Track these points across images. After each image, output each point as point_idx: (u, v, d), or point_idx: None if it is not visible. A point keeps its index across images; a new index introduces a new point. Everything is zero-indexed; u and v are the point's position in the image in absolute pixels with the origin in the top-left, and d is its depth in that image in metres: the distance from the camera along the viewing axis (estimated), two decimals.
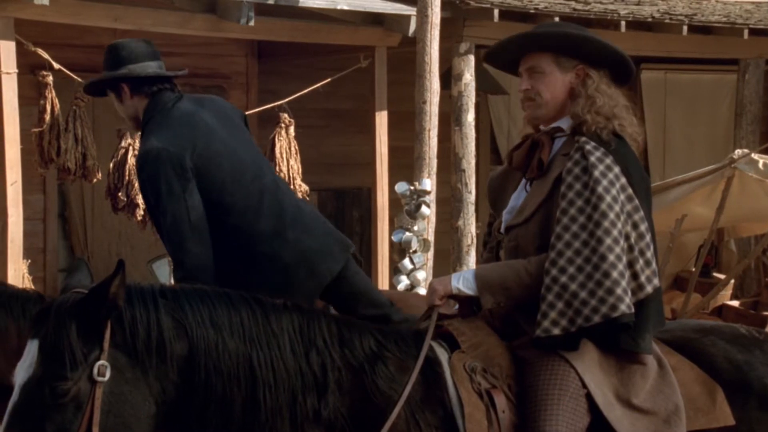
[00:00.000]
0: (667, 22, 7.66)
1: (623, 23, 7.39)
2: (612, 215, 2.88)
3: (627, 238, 2.91)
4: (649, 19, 7.64)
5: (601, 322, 2.84)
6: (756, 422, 3.09)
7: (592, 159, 2.93)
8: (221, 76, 8.13)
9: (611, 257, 2.85)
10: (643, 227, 2.95)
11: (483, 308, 3.00)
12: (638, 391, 2.97)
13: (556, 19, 6.84)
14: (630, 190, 2.95)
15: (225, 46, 7.98)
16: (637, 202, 2.95)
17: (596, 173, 2.90)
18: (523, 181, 3.12)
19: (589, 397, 2.91)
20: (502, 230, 3.13)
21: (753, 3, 9.52)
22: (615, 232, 2.87)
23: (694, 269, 7.66)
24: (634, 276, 2.91)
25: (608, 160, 2.93)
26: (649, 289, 2.93)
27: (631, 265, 2.91)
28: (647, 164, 10.38)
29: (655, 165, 10.41)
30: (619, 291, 2.84)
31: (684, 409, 3.00)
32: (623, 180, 2.94)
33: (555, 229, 2.90)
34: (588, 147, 2.94)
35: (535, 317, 2.93)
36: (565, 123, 3.08)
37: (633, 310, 2.87)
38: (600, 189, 2.89)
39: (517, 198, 3.12)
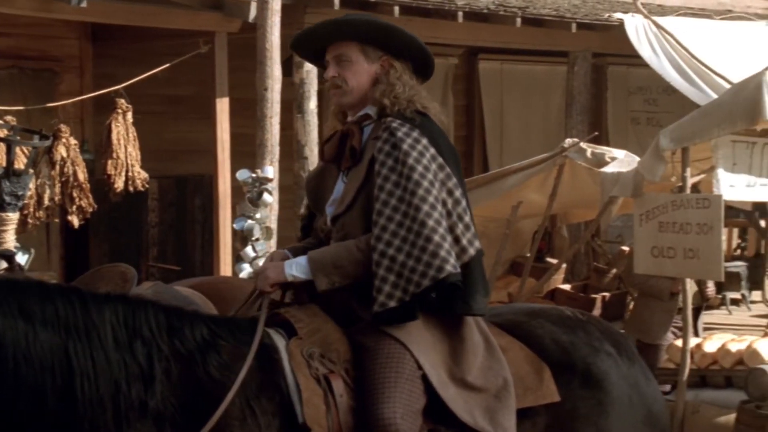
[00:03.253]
0: (502, 13, 7.88)
1: (460, 14, 7.55)
2: (426, 183, 2.97)
3: (444, 204, 3.01)
4: (485, 11, 7.83)
5: (431, 285, 2.92)
6: (579, 399, 3.24)
7: (400, 134, 3.02)
8: (52, 58, 7.82)
9: (431, 222, 2.94)
10: (458, 193, 3.06)
11: (318, 290, 3.01)
12: (470, 369, 3.07)
13: (396, 8, 6.93)
14: (440, 159, 3.05)
15: (56, 28, 7.66)
16: (448, 170, 3.06)
17: (405, 146, 3.00)
18: (340, 173, 3.17)
19: (424, 378, 2.98)
20: (328, 223, 3.17)
21: None
22: (431, 199, 2.96)
23: (529, 255, 7.89)
24: (456, 240, 3.01)
25: (415, 134, 3.03)
26: (471, 251, 3.04)
27: (451, 229, 3.00)
28: (485, 152, 10.69)
29: (493, 153, 10.71)
30: (443, 253, 2.93)
31: (513, 385, 3.13)
32: (432, 150, 3.04)
33: (375, 206, 2.97)
34: (394, 124, 3.04)
35: (370, 302, 2.99)
36: (371, 110, 3.16)
37: (459, 271, 2.96)
38: (411, 161, 2.98)
39: (337, 190, 3.17)
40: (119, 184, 6.79)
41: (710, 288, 6.74)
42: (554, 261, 8.52)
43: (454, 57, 10.13)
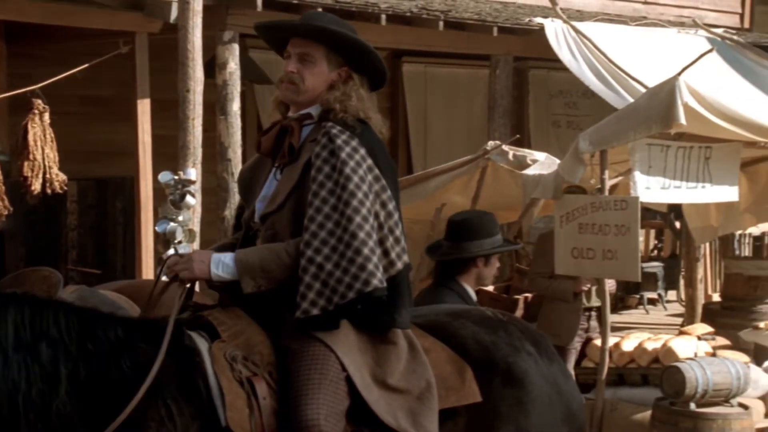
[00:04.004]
0: (425, 17, 7.92)
1: (383, 17, 7.57)
2: (360, 194, 2.97)
3: (377, 216, 3.01)
4: (408, 14, 7.87)
5: (356, 298, 2.92)
6: (500, 398, 3.29)
7: (339, 142, 3.02)
8: None
9: (362, 235, 2.94)
10: (391, 206, 3.07)
11: (244, 292, 2.99)
12: (393, 371, 3.08)
13: (320, 10, 6.91)
14: (377, 171, 3.06)
15: None
16: (384, 182, 3.07)
17: (343, 155, 3.00)
18: (273, 168, 3.16)
19: (349, 380, 2.99)
20: (256, 219, 3.15)
21: (501, 3, 10.04)
22: (364, 211, 2.96)
23: None
24: (385, 253, 3.02)
25: (354, 143, 3.03)
26: (399, 265, 3.05)
27: (381, 242, 3.01)
28: (409, 155, 10.74)
29: (418, 155, 10.77)
30: (370, 267, 2.93)
31: (435, 385, 3.16)
32: (369, 161, 3.05)
33: (307, 212, 2.96)
34: (334, 131, 3.04)
35: (295, 304, 2.98)
36: (314, 110, 3.17)
37: (385, 285, 2.97)
38: (347, 170, 2.98)
39: (269, 186, 3.15)
40: (36, 186, 6.64)
41: (611, 285, 6.87)
42: None
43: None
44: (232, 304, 3.09)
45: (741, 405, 5.58)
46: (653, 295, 11.06)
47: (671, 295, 11.20)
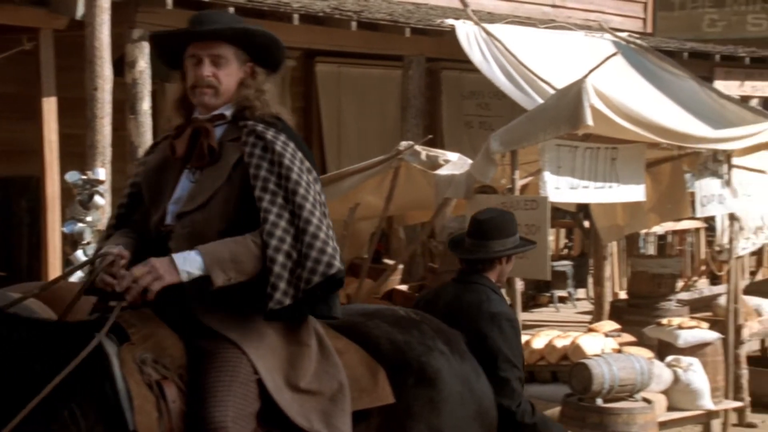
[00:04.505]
0: (337, 17, 7.91)
1: (296, 16, 7.53)
2: (304, 184, 3.03)
3: (320, 205, 3.08)
4: (320, 14, 7.85)
5: (321, 282, 2.95)
6: (413, 398, 3.31)
7: (269, 137, 3.05)
8: None
9: (315, 221, 3.00)
10: (323, 197, 3.13)
11: (214, 286, 2.93)
12: (305, 374, 3.08)
13: (232, 9, 6.84)
14: (308, 163, 3.11)
15: None
16: (315, 173, 3.13)
17: (278, 149, 3.03)
18: (186, 170, 3.13)
19: (260, 383, 2.97)
20: (169, 221, 3.11)
21: (414, 4, 10.11)
22: (311, 199, 3.03)
23: (366, 256, 7.98)
24: (332, 239, 3.07)
25: (282, 137, 3.08)
26: (338, 252, 3.10)
27: (328, 229, 3.07)
28: (323, 155, 10.72)
29: (332, 155, 10.75)
30: (330, 250, 3.00)
31: (348, 387, 3.16)
32: (300, 154, 3.10)
33: (261, 206, 2.97)
34: (259, 128, 3.06)
35: (208, 304, 2.96)
36: (227, 110, 3.15)
37: (344, 267, 3.03)
38: (286, 162, 3.02)
39: (182, 187, 3.12)
40: None
41: (519, 284, 6.98)
42: (391, 262, 8.64)
43: (292, 59, 10.11)
44: (141, 306, 3.04)
45: (645, 399, 5.73)
46: (563, 293, 11.25)
47: (581, 293, 11.41)
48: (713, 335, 6.80)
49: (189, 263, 2.93)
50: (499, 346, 3.80)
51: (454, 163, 6.95)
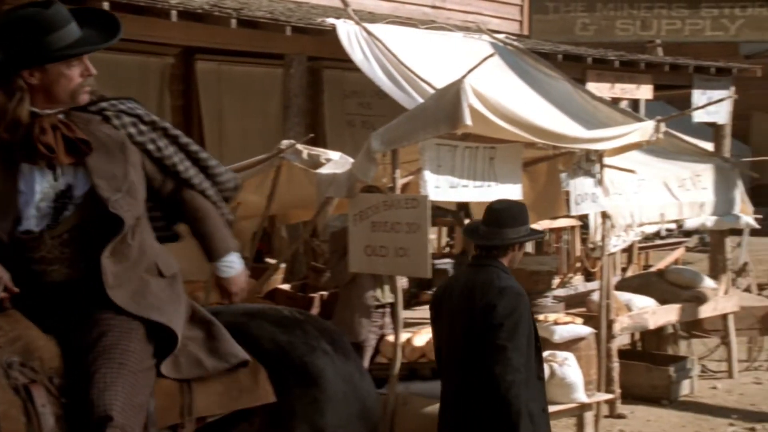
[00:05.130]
0: (217, 14, 7.80)
1: (174, 13, 7.39)
2: (184, 136, 3.32)
3: None
4: (199, 11, 7.73)
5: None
6: (295, 398, 3.30)
7: (139, 112, 3.16)
8: None
9: (212, 159, 3.41)
10: None
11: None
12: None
13: (106, 5, 6.66)
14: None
15: None
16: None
17: (155, 118, 3.19)
18: (37, 170, 2.99)
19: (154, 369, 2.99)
20: (34, 228, 2.98)
21: (295, 2, 10.07)
22: (194, 145, 3.36)
23: (248, 255, 7.90)
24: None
25: (140, 107, 3.20)
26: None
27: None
28: None
29: (213, 154, 10.49)
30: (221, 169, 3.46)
31: (230, 388, 3.16)
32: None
33: (183, 174, 3.24)
34: (123, 107, 3.14)
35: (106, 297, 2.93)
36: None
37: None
38: (172, 128, 3.24)
39: (42, 188, 3.00)
40: None
41: (403, 282, 7.06)
42: (273, 261, 8.58)
43: (170, 56, 9.93)
44: (10, 308, 2.94)
45: None
46: None
47: None
48: (587, 330, 7.00)
49: (237, 260, 3.41)
50: (504, 315, 4.04)
51: (335, 162, 6.96)
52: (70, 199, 2.99)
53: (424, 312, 10.78)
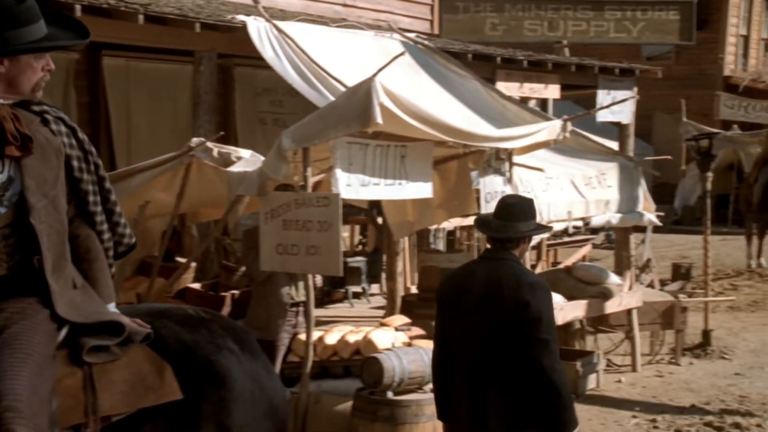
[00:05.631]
0: (123, 9, 7.65)
1: (78, 7, 7.23)
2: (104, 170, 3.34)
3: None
4: (105, 5, 7.57)
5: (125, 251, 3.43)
6: (203, 398, 3.26)
7: (74, 125, 3.18)
8: None
9: (118, 206, 3.39)
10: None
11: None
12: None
13: None
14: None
15: None
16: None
17: (85, 137, 3.22)
18: None
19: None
20: None
21: None
22: (108, 182, 3.35)
23: (157, 254, 7.79)
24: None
25: (75, 124, 3.20)
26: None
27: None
28: (112, 151, 10.37)
29: (121, 151, 10.41)
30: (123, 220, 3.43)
31: (134, 385, 3.12)
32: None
33: (90, 208, 3.21)
34: (62, 115, 3.17)
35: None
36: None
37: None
38: (96, 155, 3.21)
39: None
40: None
41: (318, 280, 7.07)
42: (184, 260, 8.48)
43: (75, 52, 9.71)
44: None
45: None
46: (358, 288, 11.42)
47: (375, 288, 11.62)
48: None
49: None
50: (540, 310, 4.21)
51: (246, 160, 6.91)
52: (5, 195, 2.94)
53: (337, 310, 10.83)
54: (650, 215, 9.28)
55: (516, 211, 4.48)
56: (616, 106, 10.63)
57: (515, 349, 4.21)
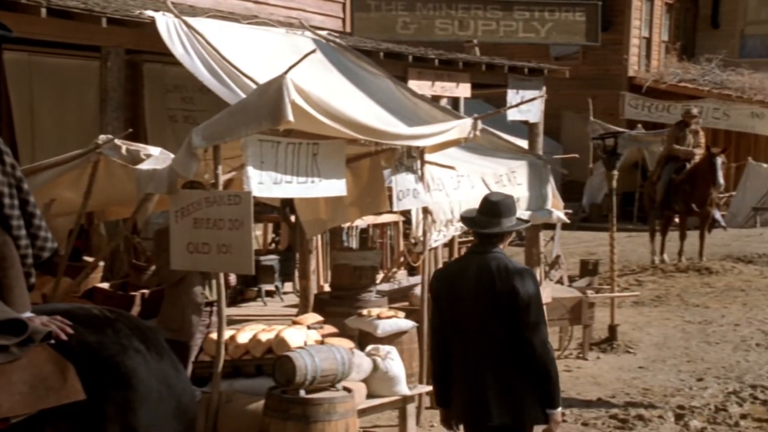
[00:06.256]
0: (24, 2, 7.44)
1: None
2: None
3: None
4: None
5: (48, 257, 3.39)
6: (107, 399, 3.22)
7: None
8: None
9: (38, 210, 3.34)
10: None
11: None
12: None
13: None
14: None
15: None
16: None
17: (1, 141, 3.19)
18: None
19: None
20: None
21: None
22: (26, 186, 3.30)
23: (63, 253, 7.62)
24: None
25: None
26: None
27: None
28: (15, 148, 10.08)
29: (24, 149, 10.14)
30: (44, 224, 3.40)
31: (35, 386, 3.04)
32: None
33: (6, 211, 3.16)
34: None
35: None
36: None
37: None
38: (12, 158, 3.17)
39: None
40: None
41: (232, 279, 7.02)
42: (91, 259, 8.31)
43: None
44: None
45: (345, 388, 5.91)
46: (271, 287, 11.37)
47: (288, 286, 11.58)
48: (409, 324, 7.15)
49: None
50: (530, 296, 4.58)
51: (156, 157, 6.81)
52: None
53: (249, 309, 10.76)
54: (559, 212, 9.46)
55: (500, 208, 4.81)
56: (526, 105, 10.80)
57: (509, 333, 4.56)
